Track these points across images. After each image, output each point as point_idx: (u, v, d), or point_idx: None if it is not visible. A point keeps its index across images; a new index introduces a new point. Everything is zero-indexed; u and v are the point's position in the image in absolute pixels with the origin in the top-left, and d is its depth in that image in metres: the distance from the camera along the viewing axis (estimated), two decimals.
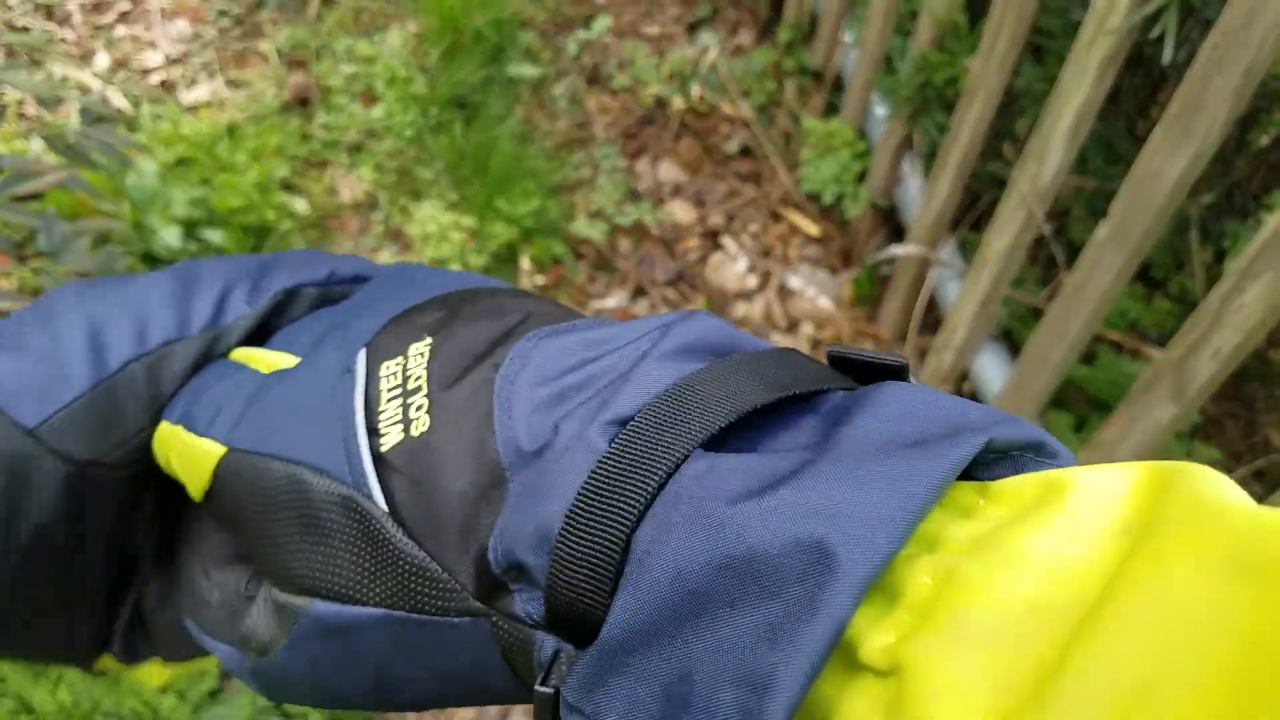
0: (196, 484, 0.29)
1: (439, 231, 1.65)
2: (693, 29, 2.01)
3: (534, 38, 1.94)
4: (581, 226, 1.66)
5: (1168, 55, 0.95)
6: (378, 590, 0.24)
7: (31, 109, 1.79)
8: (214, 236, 1.60)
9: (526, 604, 0.22)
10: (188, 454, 0.29)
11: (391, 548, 0.23)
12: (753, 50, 1.92)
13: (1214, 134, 0.92)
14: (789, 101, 1.84)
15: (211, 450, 0.28)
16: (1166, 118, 0.95)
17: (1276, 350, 1.61)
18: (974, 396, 1.46)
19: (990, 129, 1.35)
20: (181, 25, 1.96)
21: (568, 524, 0.21)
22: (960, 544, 0.19)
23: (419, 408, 0.24)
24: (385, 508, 0.24)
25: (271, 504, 0.26)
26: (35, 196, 1.12)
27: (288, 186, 1.72)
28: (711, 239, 1.74)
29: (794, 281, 1.70)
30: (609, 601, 0.20)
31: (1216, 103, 0.90)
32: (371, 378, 0.26)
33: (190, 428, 0.29)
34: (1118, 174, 1.50)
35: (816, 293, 1.68)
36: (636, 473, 0.21)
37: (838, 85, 1.78)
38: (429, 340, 0.26)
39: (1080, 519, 0.17)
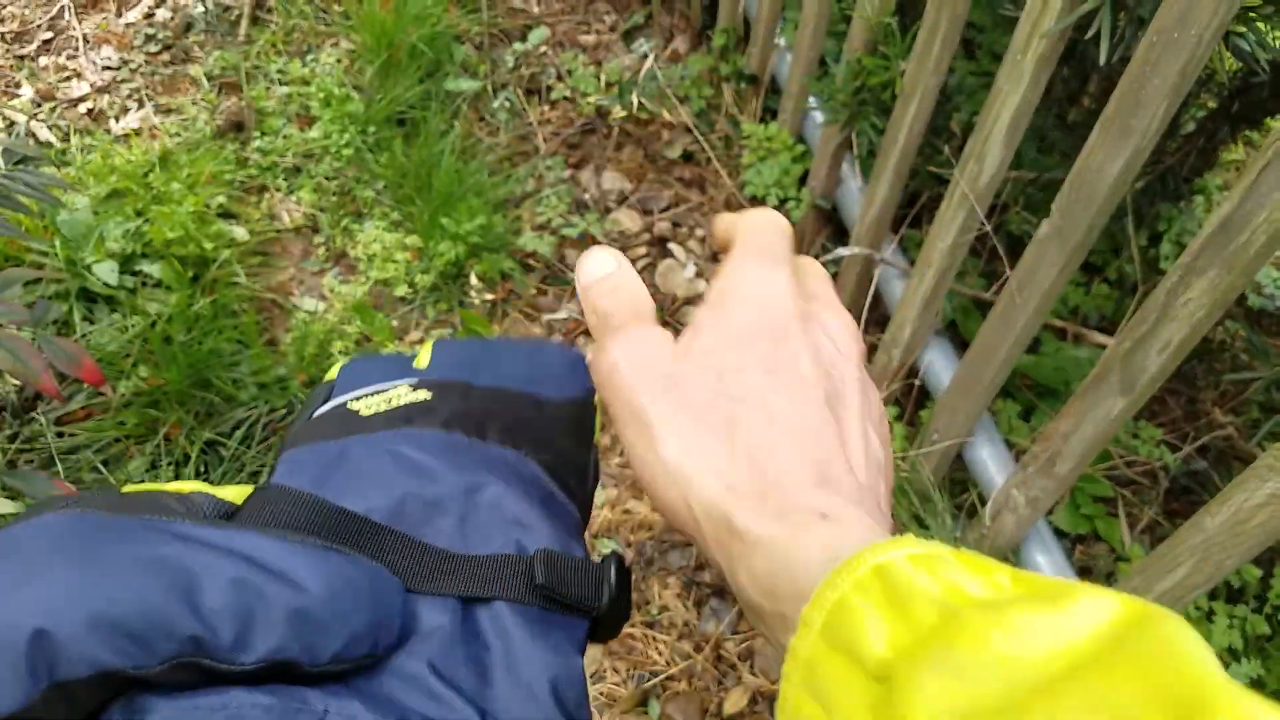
0: None
1: (383, 252, 1.63)
2: (629, 36, 2.01)
3: (470, 51, 1.93)
4: (529, 240, 1.66)
5: (1104, 56, 0.97)
6: None
7: None
8: (151, 270, 1.56)
9: None
10: None
11: None
12: (688, 56, 1.93)
13: (1152, 130, 0.93)
14: (727, 106, 1.85)
15: None
16: (1105, 117, 0.96)
17: (1216, 330, 1.65)
18: (923, 391, 1.48)
19: (926, 128, 1.37)
20: (107, 52, 1.92)
21: None
22: (973, 600, 0.23)
23: None
24: None
25: None
26: None
27: (225, 214, 1.69)
28: (659, 245, 1.74)
29: None
30: None
31: (1154, 100, 0.91)
32: None
33: None
34: (1052, 164, 1.53)
35: None
36: None
37: (774, 89, 1.79)
38: None
39: (1075, 620, 0.21)
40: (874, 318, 1.61)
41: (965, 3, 1.19)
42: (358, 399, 0.38)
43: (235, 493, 0.33)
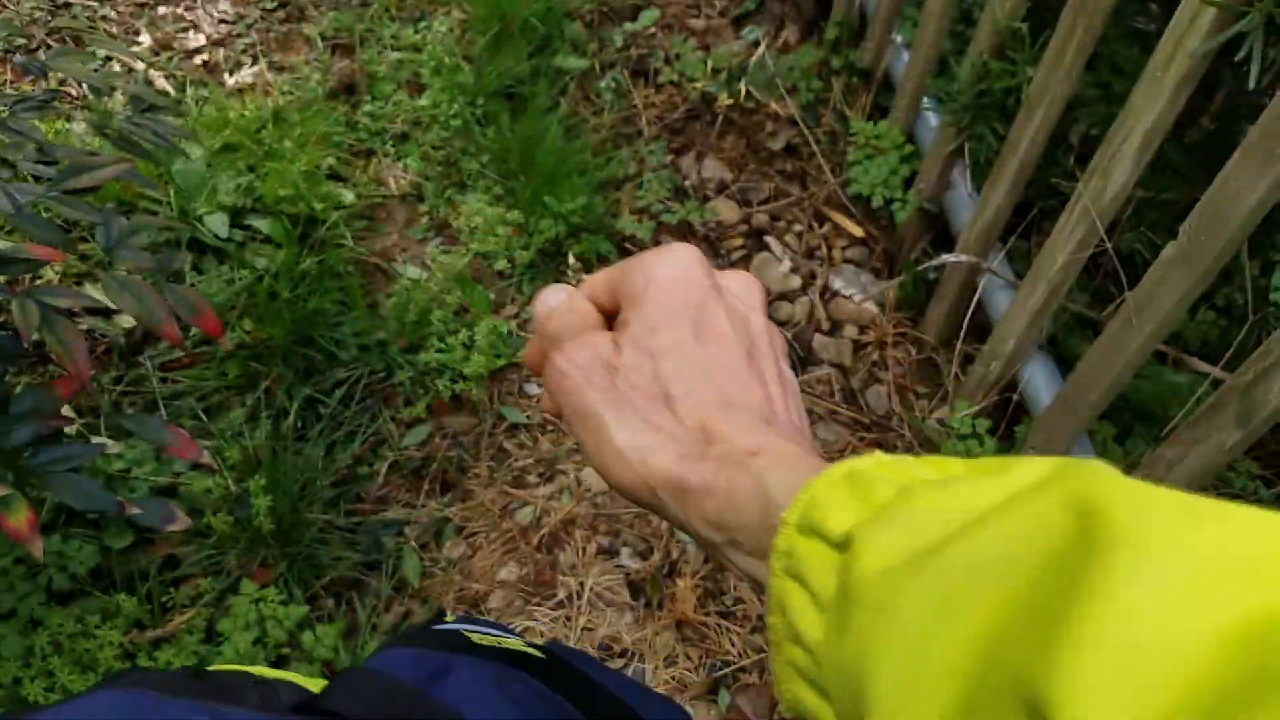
0: None
1: (485, 225, 1.64)
2: (739, 23, 1.99)
3: (580, 28, 1.93)
4: (628, 224, 1.66)
5: (1253, 80, 0.94)
6: None
7: (74, 90, 1.78)
8: (260, 225, 1.59)
9: None
10: None
11: None
12: (799, 47, 1.91)
13: None
14: (836, 100, 1.83)
15: None
16: (1247, 143, 0.94)
17: None
18: (1021, 407, 1.46)
19: (1049, 138, 1.34)
20: (224, 5, 1.95)
21: None
22: (926, 481, 0.26)
23: None
24: None
25: None
26: (94, 189, 1.11)
27: (334, 175, 1.72)
28: (756, 238, 1.74)
29: (837, 283, 1.69)
30: None
31: None
32: None
33: None
34: (1167, 183, 1.50)
35: (860, 295, 1.68)
36: None
37: (887, 85, 1.77)
38: None
39: (1012, 478, 0.24)
40: (973, 327, 1.59)
41: (1103, 13, 1.17)
42: (473, 631, 0.42)
43: (320, 686, 0.36)
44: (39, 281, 1.50)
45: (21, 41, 1.82)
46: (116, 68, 1.81)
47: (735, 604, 1.39)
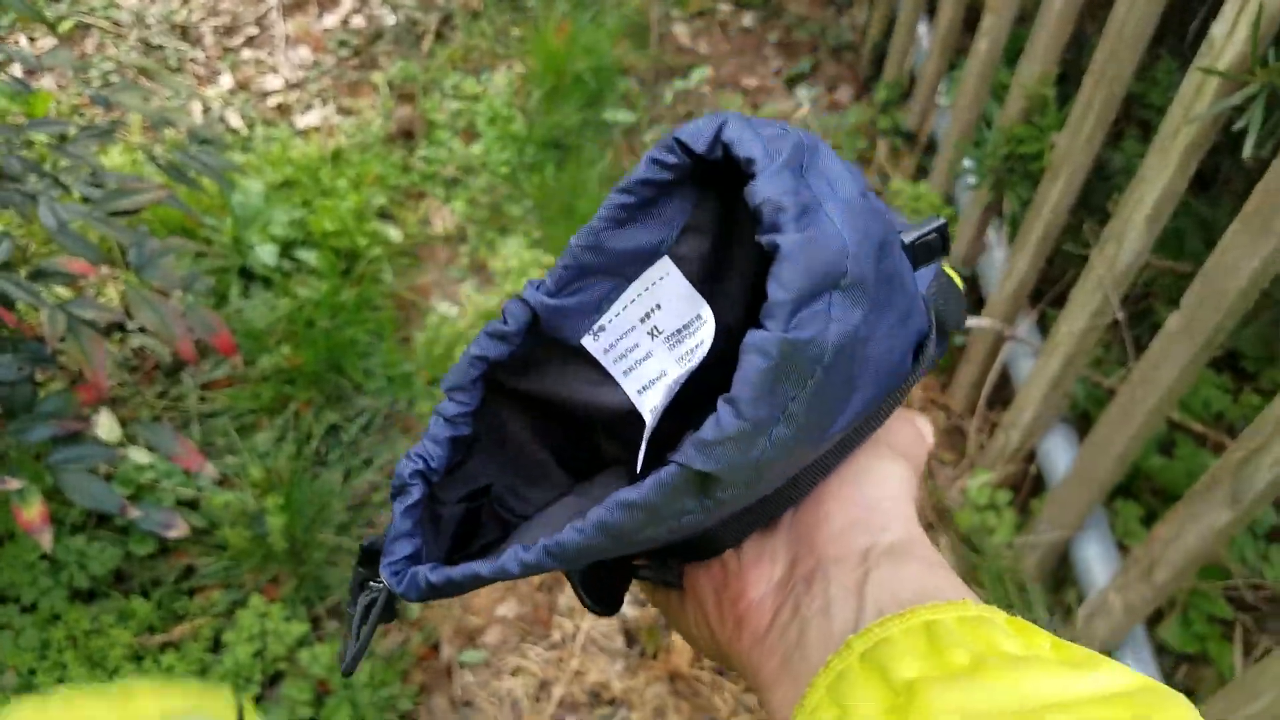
0: None
1: (520, 267, 1.69)
2: (792, 83, 2.01)
3: (633, 84, 1.98)
4: None
5: (1249, 149, 0.92)
6: None
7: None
8: (308, 256, 1.67)
9: None
10: None
11: None
12: (849, 107, 1.92)
13: None
14: (880, 161, 1.83)
15: None
16: (1245, 213, 0.91)
17: None
18: (1039, 479, 1.42)
19: (1076, 204, 1.32)
20: (303, 52, 2.07)
21: None
22: (1007, 655, 0.26)
23: None
24: None
25: None
26: (134, 212, 1.19)
27: (384, 214, 1.79)
28: None
29: None
30: None
31: None
32: None
33: None
34: (1179, 252, 1.45)
35: None
36: None
37: (931, 148, 1.76)
38: None
39: (1092, 681, 0.24)
40: (1002, 395, 1.56)
41: (1123, 83, 1.15)
42: None
43: None
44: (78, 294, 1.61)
45: (115, 79, 1.97)
46: (198, 104, 1.93)
47: None
